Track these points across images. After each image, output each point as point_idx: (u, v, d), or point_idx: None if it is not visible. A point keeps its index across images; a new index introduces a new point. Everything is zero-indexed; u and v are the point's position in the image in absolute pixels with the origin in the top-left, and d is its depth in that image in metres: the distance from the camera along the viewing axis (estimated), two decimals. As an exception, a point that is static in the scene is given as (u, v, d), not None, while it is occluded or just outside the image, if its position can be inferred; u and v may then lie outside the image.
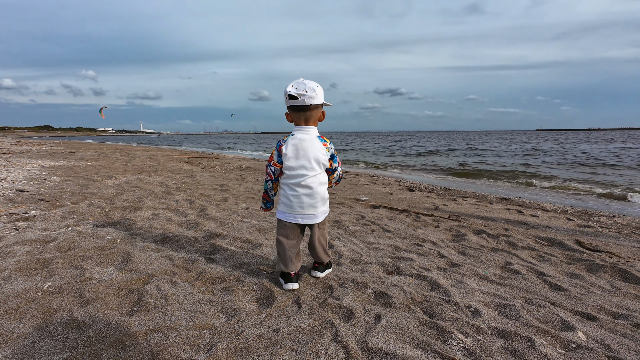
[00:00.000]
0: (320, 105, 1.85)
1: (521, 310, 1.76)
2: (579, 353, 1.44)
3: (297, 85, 1.79)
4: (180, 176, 6.91)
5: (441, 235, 3.30)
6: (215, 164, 10.61)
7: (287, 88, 1.80)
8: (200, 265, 2.24)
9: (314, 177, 1.85)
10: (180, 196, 4.64)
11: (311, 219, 1.92)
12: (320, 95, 1.81)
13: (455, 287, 2.06)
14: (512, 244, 3.09)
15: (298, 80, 1.80)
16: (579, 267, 2.54)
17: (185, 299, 1.78)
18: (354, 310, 1.70)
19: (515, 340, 1.51)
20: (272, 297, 1.85)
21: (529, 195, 7.01)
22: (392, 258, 2.54)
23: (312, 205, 1.88)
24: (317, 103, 1.81)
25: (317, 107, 1.83)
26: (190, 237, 2.82)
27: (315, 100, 1.79)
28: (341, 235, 3.13)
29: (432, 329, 1.58)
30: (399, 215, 4.18)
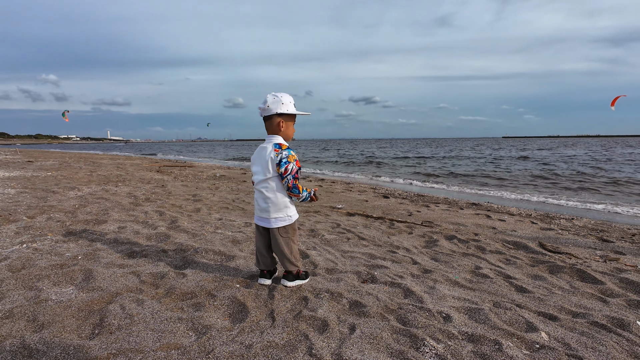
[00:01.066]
0: (275, 115, 1.93)
1: (489, 314, 1.83)
2: (542, 353, 1.51)
3: (264, 98, 1.95)
4: (150, 186, 6.64)
5: (414, 242, 3.37)
6: (188, 172, 10.31)
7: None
8: (169, 281, 2.15)
9: (265, 181, 1.95)
10: (149, 207, 4.45)
11: (264, 223, 2.02)
12: (274, 107, 1.92)
13: (428, 293, 2.10)
14: (481, 248, 3.21)
15: (272, 93, 1.95)
16: (542, 269, 2.67)
17: (153, 317, 1.70)
18: (328, 322, 1.69)
19: (484, 343, 1.56)
20: (245, 311, 1.80)
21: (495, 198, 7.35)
22: (367, 266, 2.56)
23: (264, 209, 1.99)
24: (270, 114, 1.94)
25: (271, 118, 1.96)
26: (160, 251, 2.70)
27: (266, 112, 1.94)
28: (317, 244, 3.11)
29: (406, 336, 1.60)
30: (374, 222, 4.24)
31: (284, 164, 1.88)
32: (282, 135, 1.98)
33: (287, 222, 2.00)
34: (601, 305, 2.04)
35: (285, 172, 1.88)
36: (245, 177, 9.50)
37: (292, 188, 1.91)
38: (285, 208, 1.97)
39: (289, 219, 2.00)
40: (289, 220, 2.00)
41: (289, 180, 1.89)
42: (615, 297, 2.19)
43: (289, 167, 1.88)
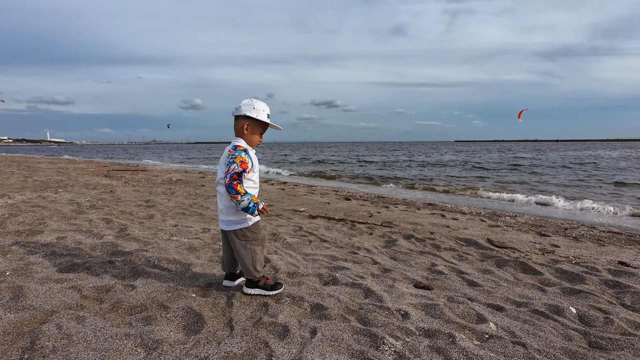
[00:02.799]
0: (243, 117, 1.92)
1: (444, 309, 1.91)
2: (491, 343, 1.61)
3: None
4: (97, 192, 6.12)
5: (375, 242, 3.45)
6: (141, 177, 9.67)
7: None
8: (116, 294, 1.97)
9: (221, 183, 1.91)
10: (95, 215, 4.09)
11: (222, 225, 2.00)
12: (245, 109, 1.91)
13: (387, 292, 2.15)
14: (437, 246, 3.37)
15: (251, 98, 1.99)
16: (490, 264, 2.87)
17: (95, 336, 1.54)
18: (289, 327, 1.66)
19: (439, 337, 1.63)
20: (202, 322, 1.71)
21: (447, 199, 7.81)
22: (329, 268, 2.56)
23: (220, 210, 1.97)
24: (239, 114, 1.94)
25: (239, 119, 1.95)
26: (105, 262, 2.48)
27: (237, 112, 1.95)
28: (278, 248, 3.06)
29: (366, 336, 1.62)
30: (336, 224, 4.28)
31: (229, 164, 1.83)
32: (246, 139, 1.94)
33: (242, 225, 1.92)
34: (540, 294, 2.23)
35: (227, 171, 1.82)
36: (204, 181, 9.12)
37: (228, 187, 1.80)
38: (238, 210, 1.90)
39: (244, 222, 1.93)
40: (245, 223, 1.93)
41: (226, 179, 1.80)
42: (552, 286, 2.40)
43: (231, 166, 1.81)
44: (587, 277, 2.51)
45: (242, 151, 1.87)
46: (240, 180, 1.83)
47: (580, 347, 1.62)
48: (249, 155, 1.89)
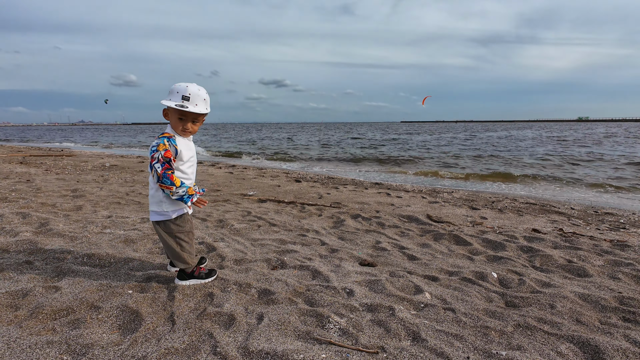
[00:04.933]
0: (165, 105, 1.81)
1: (386, 284, 2.04)
2: (425, 311, 1.76)
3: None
4: (9, 182, 5.32)
5: (324, 223, 3.52)
6: (66, 163, 8.62)
7: None
8: (35, 298, 1.76)
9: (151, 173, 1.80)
10: (7, 209, 3.56)
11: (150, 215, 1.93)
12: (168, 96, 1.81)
13: (334, 272, 2.22)
14: (382, 224, 3.55)
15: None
16: (428, 238, 3.11)
17: (9, 348, 1.37)
18: (235, 315, 1.64)
19: (381, 311, 1.73)
20: (139, 319, 1.61)
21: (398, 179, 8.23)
22: (277, 252, 2.56)
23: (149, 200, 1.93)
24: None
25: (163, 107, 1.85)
26: (22, 262, 2.19)
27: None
28: (225, 235, 2.97)
29: (312, 317, 1.67)
30: (286, 207, 4.27)
31: (151, 152, 1.73)
32: (171, 126, 1.83)
33: (163, 217, 1.83)
34: (469, 263, 2.48)
35: (152, 161, 1.72)
36: (143, 166, 8.43)
37: (161, 178, 1.70)
38: (160, 202, 1.81)
39: (165, 214, 1.83)
40: (166, 216, 1.83)
41: (157, 170, 1.70)
42: (479, 254, 2.69)
43: (155, 155, 1.71)
44: (507, 245, 2.86)
45: (163, 138, 1.77)
46: (172, 169, 1.73)
47: (498, 307, 1.85)
48: (173, 143, 1.78)
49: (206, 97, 1.83)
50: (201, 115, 1.86)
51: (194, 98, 1.77)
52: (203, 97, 1.81)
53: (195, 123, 1.86)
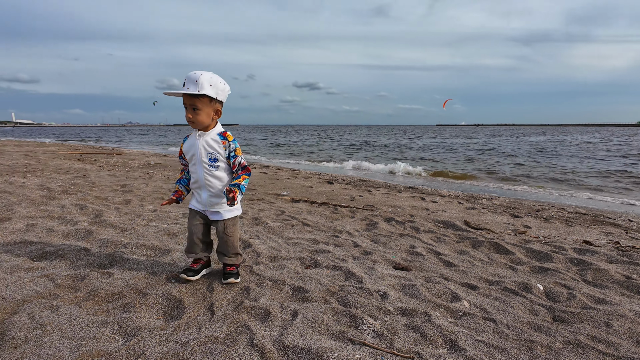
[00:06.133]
0: None
1: (421, 289, 1.99)
2: (464, 319, 1.69)
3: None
4: (69, 176, 5.86)
5: (356, 225, 3.51)
6: (117, 160, 9.32)
7: (227, 85, 1.85)
8: (92, 282, 1.93)
9: None
10: (67, 201, 3.93)
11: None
12: None
13: (367, 274, 2.20)
14: (416, 228, 3.46)
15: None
16: (466, 244, 2.98)
17: (70, 324, 1.51)
18: (270, 310, 1.68)
19: (416, 316, 1.69)
20: (182, 307, 1.70)
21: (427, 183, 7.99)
22: (311, 252, 2.59)
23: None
24: None
25: None
26: (80, 249, 2.41)
27: None
28: (260, 232, 3.06)
29: (346, 317, 1.67)
30: (318, 208, 4.30)
31: None
32: None
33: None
34: (511, 272, 2.35)
35: None
36: (184, 165, 8.90)
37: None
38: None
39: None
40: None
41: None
42: (522, 264, 2.53)
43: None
44: (554, 256, 2.66)
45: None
46: (182, 165, 2.04)
47: (545, 321, 1.73)
48: (183, 141, 1.96)
49: (202, 80, 1.66)
50: (197, 100, 1.70)
51: (187, 82, 1.68)
52: (195, 79, 1.66)
53: (195, 110, 1.72)
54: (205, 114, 1.75)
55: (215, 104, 1.79)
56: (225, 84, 1.81)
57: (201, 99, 1.71)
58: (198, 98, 1.70)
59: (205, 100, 1.73)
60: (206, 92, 1.68)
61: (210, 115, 1.78)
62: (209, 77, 1.70)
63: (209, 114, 1.78)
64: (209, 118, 1.79)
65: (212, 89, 1.71)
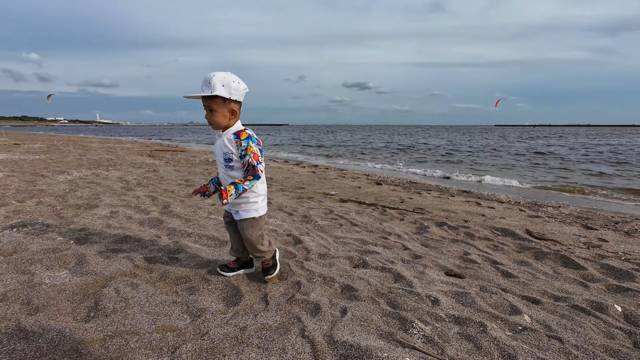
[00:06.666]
0: None
1: (476, 298, 1.90)
2: (524, 334, 1.58)
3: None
4: (142, 171, 6.57)
5: (406, 228, 3.44)
6: (180, 157, 10.20)
7: (242, 83, 1.77)
8: (163, 265, 2.17)
9: None
10: (141, 192, 4.42)
11: None
12: None
13: (418, 278, 2.16)
14: (470, 234, 3.29)
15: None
16: (528, 255, 2.76)
17: (147, 301, 1.72)
18: (320, 305, 1.74)
19: (470, 325, 1.63)
20: (239, 295, 1.84)
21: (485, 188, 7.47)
22: (359, 252, 2.61)
23: None
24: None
25: None
26: (153, 236, 2.71)
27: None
28: (310, 230, 3.15)
29: (395, 319, 1.66)
30: (367, 209, 4.29)
31: None
32: None
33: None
34: (582, 289, 2.13)
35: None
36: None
37: None
38: None
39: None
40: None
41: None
42: (596, 282, 2.28)
43: None
44: (637, 275, 2.35)
45: None
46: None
47: (623, 346, 1.55)
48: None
49: (215, 81, 1.66)
50: (211, 102, 1.70)
51: (202, 84, 1.70)
52: (208, 81, 1.67)
53: (212, 112, 1.73)
54: (220, 115, 1.74)
55: (230, 104, 1.74)
56: (240, 83, 1.74)
57: (215, 100, 1.71)
58: (212, 99, 1.70)
59: (219, 101, 1.71)
60: (218, 92, 1.67)
61: (226, 115, 1.76)
62: (221, 78, 1.68)
63: (225, 115, 1.75)
64: (225, 118, 1.77)
65: (224, 89, 1.69)
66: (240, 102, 1.79)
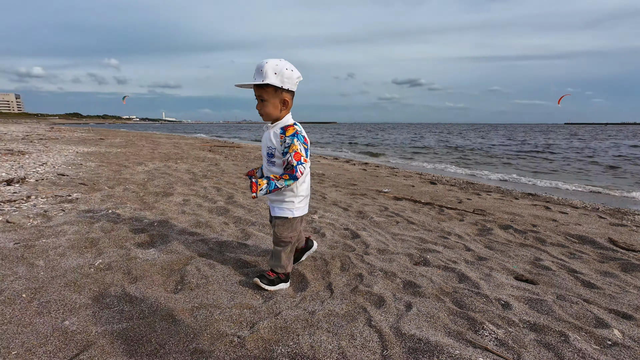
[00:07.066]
0: None
1: (553, 306, 1.77)
2: (615, 350, 1.44)
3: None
4: (205, 164, 7.11)
5: (466, 229, 3.29)
6: (237, 152, 10.82)
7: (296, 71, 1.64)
8: (233, 249, 2.35)
9: None
10: (207, 183, 4.80)
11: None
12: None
13: (484, 280, 2.07)
14: (541, 240, 3.04)
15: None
16: (613, 266, 2.48)
17: (224, 280, 1.89)
18: (384, 298, 1.76)
19: (548, 334, 1.52)
20: (305, 282, 1.93)
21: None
22: (419, 249, 2.57)
23: None
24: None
25: None
26: (222, 223, 2.94)
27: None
28: (366, 225, 3.17)
29: (463, 319, 1.62)
30: (423, 207, 4.17)
31: None
32: None
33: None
34: (685, 308, 1.86)
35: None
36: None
37: None
38: None
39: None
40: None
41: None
42: (703, 301, 1.97)
43: None
44: None
45: None
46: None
47: None
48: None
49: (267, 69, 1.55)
50: (262, 91, 1.60)
51: (255, 72, 1.60)
52: (260, 68, 1.56)
53: (263, 102, 1.64)
54: (271, 105, 1.64)
55: (282, 94, 1.62)
56: (294, 70, 1.61)
57: (266, 89, 1.60)
58: (263, 88, 1.60)
59: (270, 90, 1.60)
60: (270, 81, 1.56)
61: (277, 106, 1.64)
62: (274, 65, 1.57)
63: (276, 105, 1.64)
64: (276, 109, 1.65)
65: (276, 77, 1.57)
66: (293, 92, 1.67)
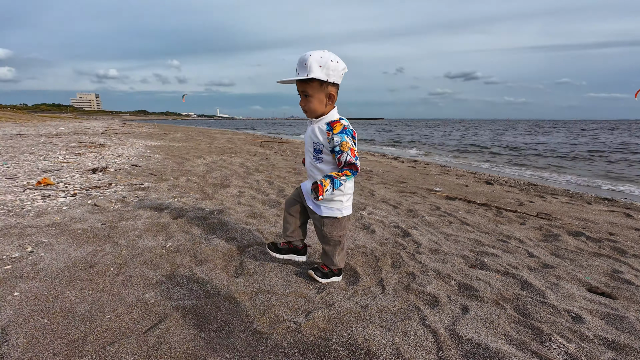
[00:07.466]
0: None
1: (637, 324, 1.58)
2: None
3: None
4: (257, 158, 7.44)
5: (529, 234, 3.04)
6: (286, 148, 11.14)
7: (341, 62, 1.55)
8: (286, 241, 2.45)
9: None
10: (259, 177, 5.03)
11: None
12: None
13: (551, 289, 1.91)
14: (621, 250, 2.71)
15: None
16: None
17: (280, 268, 1.99)
18: (439, 299, 1.71)
19: (631, 354, 1.37)
20: (357, 276, 1.95)
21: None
22: (474, 252, 2.44)
23: None
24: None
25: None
26: (275, 215, 3.08)
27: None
28: (417, 224, 3.09)
29: (527, 328, 1.52)
30: (478, 209, 3.95)
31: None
32: None
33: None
34: None
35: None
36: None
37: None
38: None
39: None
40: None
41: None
42: None
43: None
44: None
45: None
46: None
47: None
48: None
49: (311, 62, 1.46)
50: (307, 86, 1.52)
51: (297, 66, 1.52)
52: (304, 62, 1.47)
53: (307, 97, 1.56)
54: (317, 101, 1.56)
55: (327, 88, 1.54)
56: (339, 62, 1.52)
57: (311, 83, 1.51)
58: (308, 83, 1.51)
59: (315, 84, 1.52)
60: (315, 75, 1.47)
61: (322, 101, 1.56)
62: (318, 57, 1.48)
63: (321, 100, 1.56)
64: (322, 104, 1.57)
65: (321, 71, 1.48)
66: (338, 84, 1.58)
